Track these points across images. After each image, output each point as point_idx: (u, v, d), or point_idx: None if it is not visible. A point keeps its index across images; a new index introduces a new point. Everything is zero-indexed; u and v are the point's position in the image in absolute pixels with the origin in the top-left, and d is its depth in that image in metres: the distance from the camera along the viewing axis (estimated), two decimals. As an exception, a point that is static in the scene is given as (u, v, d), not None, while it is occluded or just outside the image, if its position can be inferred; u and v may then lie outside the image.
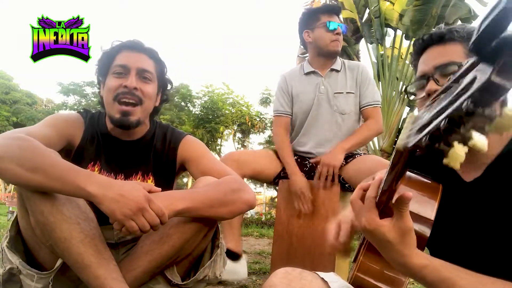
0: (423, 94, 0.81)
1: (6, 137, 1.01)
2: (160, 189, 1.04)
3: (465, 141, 0.36)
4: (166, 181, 1.34)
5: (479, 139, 0.36)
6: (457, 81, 0.38)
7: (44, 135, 1.12)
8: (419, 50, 0.85)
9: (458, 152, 0.37)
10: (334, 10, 2.19)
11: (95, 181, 0.94)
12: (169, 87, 1.42)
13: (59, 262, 1.04)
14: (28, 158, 0.95)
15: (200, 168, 1.28)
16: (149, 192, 0.99)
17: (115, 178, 1.27)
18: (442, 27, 0.84)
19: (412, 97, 0.88)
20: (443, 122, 0.36)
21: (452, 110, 0.35)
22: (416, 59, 0.87)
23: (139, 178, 1.31)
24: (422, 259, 0.59)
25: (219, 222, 1.22)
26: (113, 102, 1.24)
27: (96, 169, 1.27)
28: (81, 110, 1.36)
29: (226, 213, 1.11)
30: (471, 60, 0.37)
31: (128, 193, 0.93)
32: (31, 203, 0.99)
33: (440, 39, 0.81)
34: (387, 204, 0.59)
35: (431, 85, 0.79)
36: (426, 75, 0.81)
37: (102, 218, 1.00)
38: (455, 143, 0.38)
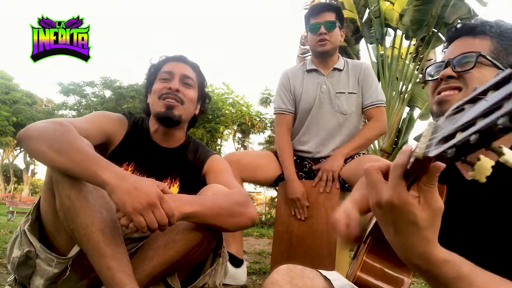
0: (437, 77, 0.83)
1: (47, 121, 1.10)
2: (171, 191, 1.05)
3: (496, 156, 0.35)
4: (190, 188, 1.40)
5: (511, 155, 0.35)
6: (485, 93, 0.37)
7: (83, 127, 1.18)
8: (450, 38, 0.86)
9: (485, 165, 0.37)
10: (318, 10, 2.13)
11: (112, 170, 0.96)
12: (207, 100, 1.56)
13: (77, 248, 1.06)
14: (57, 140, 1.01)
15: (217, 180, 1.33)
16: (162, 191, 1.00)
17: None
18: (479, 19, 0.83)
19: (427, 78, 0.87)
20: (473, 136, 0.34)
21: (486, 125, 0.34)
22: (446, 47, 0.88)
23: (167, 182, 1.38)
24: (444, 252, 0.52)
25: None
26: (158, 100, 1.37)
27: (130, 169, 1.34)
28: (126, 112, 1.45)
29: (231, 224, 1.12)
30: (503, 73, 0.35)
31: (142, 187, 0.94)
32: (59, 186, 1.02)
33: (471, 31, 0.81)
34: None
35: (447, 70, 0.80)
36: (446, 61, 0.82)
37: None
38: (482, 156, 0.37)
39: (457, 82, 0.79)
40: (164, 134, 1.40)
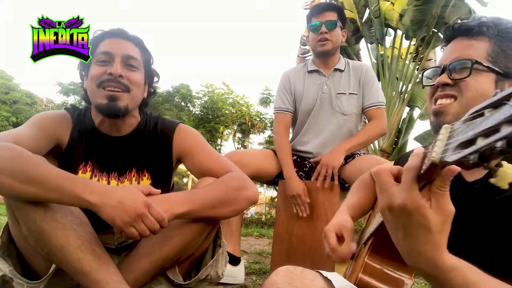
0: (433, 83, 0.81)
1: None
2: (159, 191, 1.03)
3: None
4: (163, 177, 1.27)
5: None
6: (508, 98, 0.36)
7: (32, 138, 1.09)
8: (448, 38, 0.84)
9: (507, 171, 0.37)
10: (319, 9, 2.13)
11: (93, 189, 0.93)
12: (155, 79, 1.34)
13: (52, 268, 1.02)
14: (21, 170, 0.91)
15: (197, 163, 1.23)
16: (148, 194, 0.99)
17: (108, 177, 1.23)
18: (477, 17, 0.81)
19: (425, 82, 0.86)
20: (500, 142, 0.34)
21: None
22: (443, 46, 0.86)
23: (133, 175, 1.24)
24: (453, 258, 0.51)
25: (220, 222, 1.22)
26: (97, 89, 1.16)
27: (89, 169, 1.22)
28: (69, 107, 1.29)
29: (228, 212, 1.10)
30: None
31: (127, 199, 0.93)
32: (22, 213, 0.97)
33: (468, 31, 0.79)
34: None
35: (443, 78, 0.79)
36: (442, 66, 0.81)
37: (102, 224, 0.97)
38: (504, 163, 0.37)
39: (452, 90, 0.78)
40: (111, 124, 1.22)
